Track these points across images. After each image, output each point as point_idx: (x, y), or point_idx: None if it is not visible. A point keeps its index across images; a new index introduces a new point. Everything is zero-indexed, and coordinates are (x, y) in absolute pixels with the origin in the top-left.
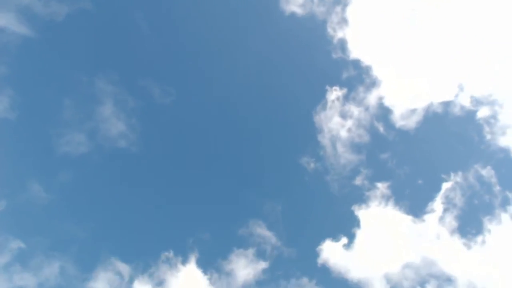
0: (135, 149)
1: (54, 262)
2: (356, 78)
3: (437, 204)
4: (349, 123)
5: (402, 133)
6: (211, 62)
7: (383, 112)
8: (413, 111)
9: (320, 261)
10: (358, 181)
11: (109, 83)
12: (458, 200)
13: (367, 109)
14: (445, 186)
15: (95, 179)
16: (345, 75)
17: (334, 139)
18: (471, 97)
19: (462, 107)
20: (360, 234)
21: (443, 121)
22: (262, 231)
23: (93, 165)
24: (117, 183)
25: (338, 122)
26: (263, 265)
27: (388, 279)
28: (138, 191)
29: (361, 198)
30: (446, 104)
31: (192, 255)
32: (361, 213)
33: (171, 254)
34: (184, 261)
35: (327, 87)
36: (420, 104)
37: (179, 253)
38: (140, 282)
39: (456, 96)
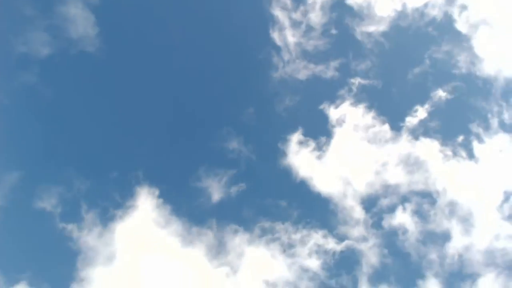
0: (95, 49)
1: (8, 176)
2: None
3: (419, 109)
4: (313, 16)
5: (375, 38)
6: None
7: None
8: (382, 17)
9: (282, 164)
10: (328, 74)
11: None
12: (442, 103)
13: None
14: (427, 89)
15: (55, 83)
16: None
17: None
18: None
19: (439, 8)
20: (334, 138)
21: (418, 24)
22: (231, 142)
23: (53, 67)
24: (75, 89)
25: (298, 17)
26: (232, 183)
27: (361, 191)
28: (95, 96)
29: (334, 95)
30: (423, 7)
31: (148, 174)
32: (332, 112)
33: (126, 174)
34: (139, 182)
35: None
36: (392, 9)
37: (131, 173)
38: (90, 209)
39: None
